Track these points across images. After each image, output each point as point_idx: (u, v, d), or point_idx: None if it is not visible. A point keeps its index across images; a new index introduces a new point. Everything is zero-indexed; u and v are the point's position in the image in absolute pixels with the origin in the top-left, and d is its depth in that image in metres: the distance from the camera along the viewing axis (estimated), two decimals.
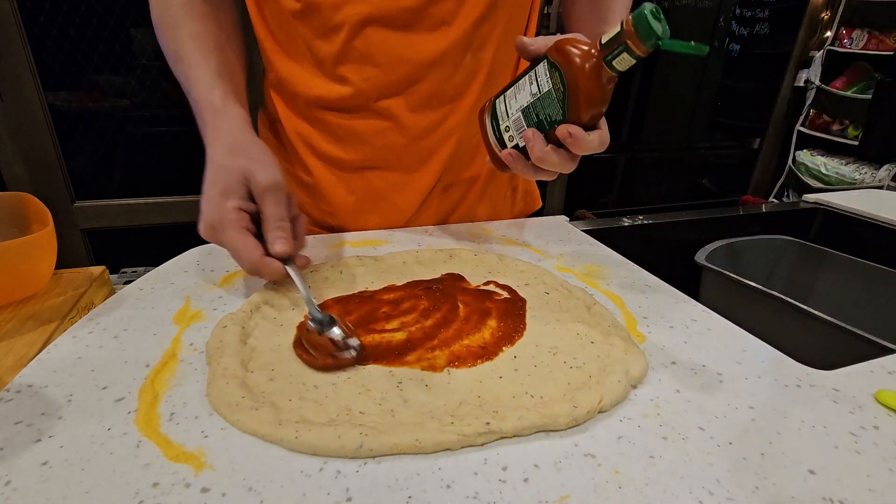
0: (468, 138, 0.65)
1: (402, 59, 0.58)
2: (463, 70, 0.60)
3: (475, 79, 0.62)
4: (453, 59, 0.59)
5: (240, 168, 0.46)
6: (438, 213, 0.70)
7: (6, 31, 1.43)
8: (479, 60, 0.61)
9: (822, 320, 0.58)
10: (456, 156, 0.65)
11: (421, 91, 0.60)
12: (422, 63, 0.58)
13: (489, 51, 0.61)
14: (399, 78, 0.59)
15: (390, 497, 0.28)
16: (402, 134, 0.62)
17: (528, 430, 0.32)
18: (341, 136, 0.63)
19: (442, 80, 0.60)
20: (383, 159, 0.64)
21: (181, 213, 1.79)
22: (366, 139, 0.63)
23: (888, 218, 0.84)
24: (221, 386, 0.34)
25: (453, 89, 0.61)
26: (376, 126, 0.62)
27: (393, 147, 0.63)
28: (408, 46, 0.57)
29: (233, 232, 0.45)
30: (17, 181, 1.58)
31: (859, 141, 2.56)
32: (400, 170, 0.65)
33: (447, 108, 0.62)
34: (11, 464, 0.29)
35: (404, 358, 0.40)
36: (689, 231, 0.84)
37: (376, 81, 0.59)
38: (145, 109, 1.67)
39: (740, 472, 0.30)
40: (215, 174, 0.47)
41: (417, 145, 0.63)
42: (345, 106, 0.61)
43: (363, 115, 0.61)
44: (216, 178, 0.47)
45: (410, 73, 0.59)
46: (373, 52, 0.57)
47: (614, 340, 0.41)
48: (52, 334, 0.47)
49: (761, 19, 2.65)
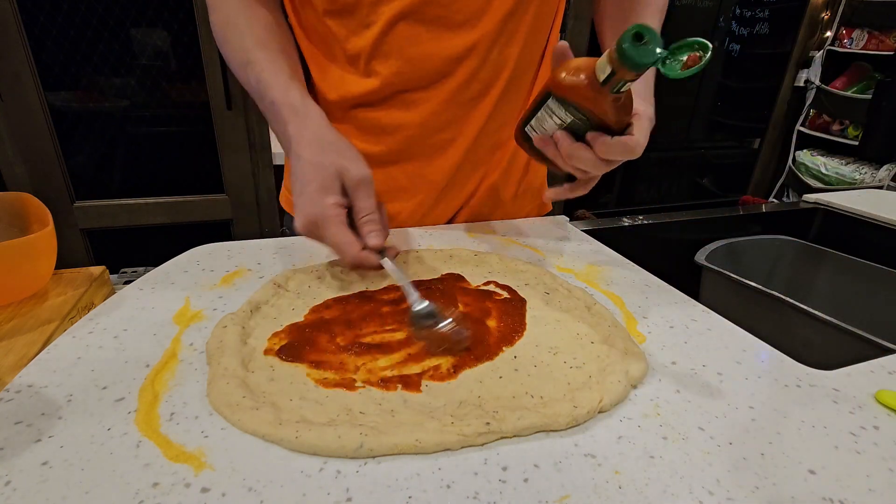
0: (487, 134, 0.66)
1: (431, 54, 0.58)
2: (489, 65, 0.61)
3: (500, 75, 0.62)
4: (481, 54, 0.60)
5: (333, 164, 0.48)
6: (450, 208, 0.71)
7: (6, 31, 1.43)
8: (506, 56, 0.61)
9: (822, 320, 0.58)
10: (473, 150, 0.66)
11: (448, 85, 0.61)
12: (451, 58, 0.59)
13: (515, 47, 0.61)
14: (428, 72, 0.60)
15: (390, 497, 0.28)
16: (426, 126, 0.63)
17: (528, 430, 0.32)
18: (368, 128, 0.64)
19: (469, 75, 0.61)
20: (406, 151, 0.65)
21: (181, 213, 1.79)
22: (389, 131, 0.64)
23: (888, 218, 0.84)
24: (222, 386, 0.34)
25: (479, 84, 0.62)
26: (401, 118, 0.63)
27: (416, 138, 0.64)
28: (438, 41, 0.58)
29: (334, 228, 0.47)
30: (17, 181, 1.58)
31: (859, 141, 2.56)
32: (420, 160, 0.66)
33: (471, 103, 0.63)
34: (11, 464, 0.29)
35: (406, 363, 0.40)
36: (689, 231, 0.84)
37: (406, 76, 0.60)
38: (145, 109, 1.67)
39: (740, 472, 0.30)
40: (310, 172, 0.48)
41: (439, 136, 0.64)
42: (372, 99, 0.62)
43: (388, 106, 0.62)
44: (312, 176, 0.48)
45: (440, 67, 0.59)
46: (404, 47, 0.58)
47: (614, 340, 0.41)
48: (52, 334, 0.47)
49: (761, 19, 2.65)
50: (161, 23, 1.58)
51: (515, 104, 0.67)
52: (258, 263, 0.55)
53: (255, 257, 0.56)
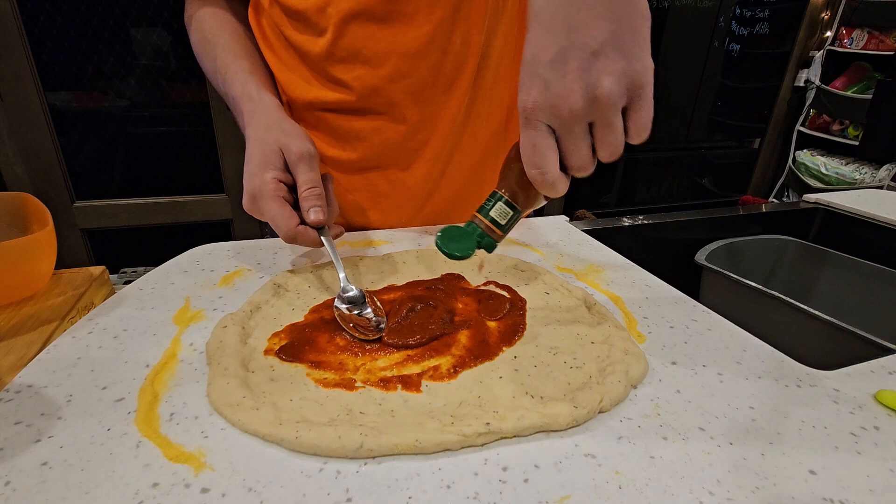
0: (465, 128, 0.64)
1: (388, 52, 0.57)
2: (452, 56, 0.59)
3: (467, 63, 0.60)
4: (440, 46, 0.58)
5: (276, 140, 0.49)
6: (439, 207, 0.70)
7: (6, 31, 1.43)
8: (469, 44, 0.59)
9: (822, 320, 0.58)
10: (450, 148, 0.65)
11: (413, 83, 0.59)
12: (408, 53, 0.58)
13: (477, 34, 0.59)
14: (389, 72, 0.58)
15: (390, 497, 0.28)
16: (399, 129, 0.62)
17: (528, 430, 0.32)
18: (341, 135, 0.63)
19: (432, 70, 0.59)
20: (382, 156, 0.64)
21: (181, 213, 1.79)
22: (363, 136, 0.63)
23: (888, 218, 0.84)
24: (222, 386, 0.34)
25: (445, 77, 0.60)
26: (374, 124, 0.62)
27: (391, 143, 0.63)
28: (392, 37, 0.57)
29: (270, 201, 0.47)
30: (17, 181, 1.58)
31: (859, 141, 2.56)
32: (398, 165, 0.65)
33: (442, 98, 0.61)
34: (11, 464, 0.29)
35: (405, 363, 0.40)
36: (689, 231, 0.84)
37: (367, 79, 0.59)
38: (145, 109, 1.67)
39: (740, 472, 0.30)
40: (253, 149, 0.50)
41: (415, 139, 0.63)
42: (342, 107, 0.61)
43: (361, 114, 0.61)
44: (254, 153, 0.49)
45: (399, 65, 0.58)
46: (359, 48, 0.57)
47: (614, 340, 0.41)
48: (52, 334, 0.47)
49: (761, 19, 2.65)
50: (161, 23, 1.58)
51: (492, 95, 0.64)
52: (258, 263, 0.55)
53: (255, 257, 0.56)
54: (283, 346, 0.40)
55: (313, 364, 0.38)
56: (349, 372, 0.38)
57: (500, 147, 0.69)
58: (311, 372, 0.38)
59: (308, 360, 0.39)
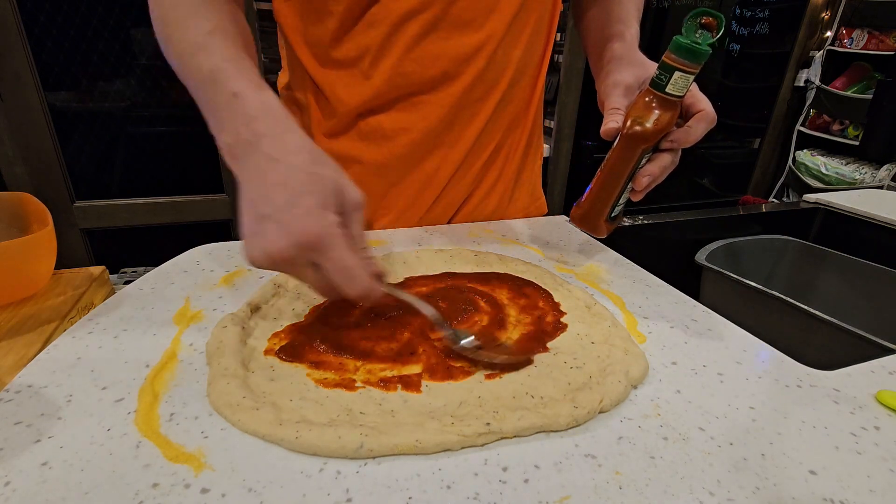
0: (487, 135, 0.66)
1: (439, 54, 0.58)
2: (494, 66, 0.61)
3: (503, 77, 0.63)
4: (487, 55, 0.60)
5: (333, 180, 0.39)
6: (449, 208, 0.70)
7: (6, 31, 1.43)
8: (510, 58, 0.62)
9: (822, 320, 0.58)
10: (472, 152, 0.66)
11: (454, 87, 0.61)
12: (458, 58, 0.59)
13: (518, 49, 0.62)
14: (435, 74, 0.59)
15: (390, 498, 0.28)
16: (426, 129, 0.63)
17: (528, 430, 0.32)
18: (366, 133, 0.63)
19: (475, 77, 0.61)
20: (406, 157, 0.65)
21: (181, 213, 1.79)
22: (390, 135, 0.63)
23: (888, 218, 0.84)
24: (222, 386, 0.34)
25: (483, 85, 0.62)
26: (405, 121, 0.62)
27: (416, 143, 0.64)
28: (446, 40, 0.58)
29: (343, 251, 0.37)
30: (17, 181, 1.58)
31: (859, 141, 2.56)
32: (419, 164, 0.66)
33: (476, 104, 0.63)
34: (11, 464, 0.29)
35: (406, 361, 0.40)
36: (689, 231, 0.84)
37: (413, 77, 0.59)
38: (145, 109, 1.67)
39: (741, 472, 0.30)
40: (306, 183, 0.38)
41: (439, 140, 0.64)
42: (375, 104, 0.61)
43: (392, 110, 0.62)
44: (310, 188, 0.38)
45: (447, 68, 0.59)
46: (411, 47, 0.58)
47: (614, 340, 0.41)
48: (51, 334, 0.47)
49: (761, 19, 2.64)
50: None
51: (514, 107, 0.67)
52: None
53: None
54: (283, 346, 0.40)
55: (313, 364, 0.38)
56: (349, 372, 0.38)
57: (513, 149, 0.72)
58: (311, 372, 0.38)
59: (308, 360, 0.39)
